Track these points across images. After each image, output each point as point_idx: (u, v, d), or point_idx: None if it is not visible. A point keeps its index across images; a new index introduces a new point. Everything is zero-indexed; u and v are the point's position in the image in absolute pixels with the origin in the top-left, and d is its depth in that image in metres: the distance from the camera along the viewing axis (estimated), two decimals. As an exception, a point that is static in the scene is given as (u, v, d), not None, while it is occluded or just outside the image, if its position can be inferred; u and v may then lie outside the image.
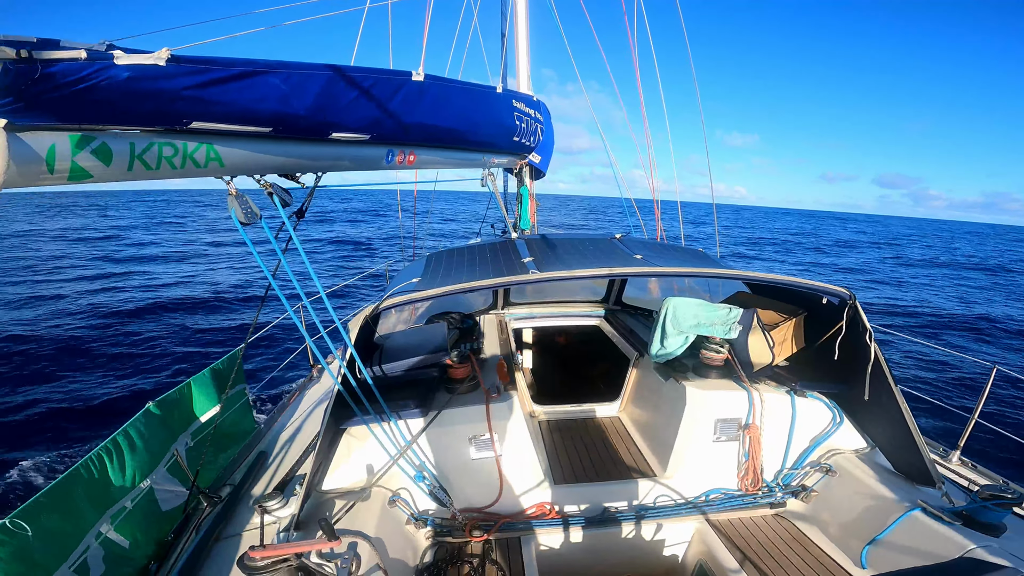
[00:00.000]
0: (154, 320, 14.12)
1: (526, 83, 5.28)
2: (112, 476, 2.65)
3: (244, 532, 2.64)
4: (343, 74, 2.14)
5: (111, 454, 2.66)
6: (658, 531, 3.08)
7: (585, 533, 3.02)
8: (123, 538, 2.59)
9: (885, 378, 2.93)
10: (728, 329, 3.49)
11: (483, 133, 3.45)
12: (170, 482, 3.11)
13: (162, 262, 23.77)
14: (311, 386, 4.70)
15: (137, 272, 20.98)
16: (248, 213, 2.07)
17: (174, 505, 3.06)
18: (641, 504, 3.23)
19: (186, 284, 18.70)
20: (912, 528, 2.59)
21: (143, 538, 2.73)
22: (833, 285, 3.05)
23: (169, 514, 3.00)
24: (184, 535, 2.76)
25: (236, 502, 2.94)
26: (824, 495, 3.13)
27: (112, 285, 17.98)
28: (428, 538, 2.91)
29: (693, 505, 3.20)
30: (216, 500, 2.96)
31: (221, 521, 2.74)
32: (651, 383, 3.94)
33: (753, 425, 3.28)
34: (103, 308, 14.85)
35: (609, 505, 3.18)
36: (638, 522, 3.06)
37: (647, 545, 3.09)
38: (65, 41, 1.26)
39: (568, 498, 3.21)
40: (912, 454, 2.90)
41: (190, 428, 3.46)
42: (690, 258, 4.02)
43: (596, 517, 3.09)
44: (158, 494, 2.97)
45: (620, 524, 3.05)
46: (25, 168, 1.30)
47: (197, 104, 1.59)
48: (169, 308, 15.22)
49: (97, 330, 12.99)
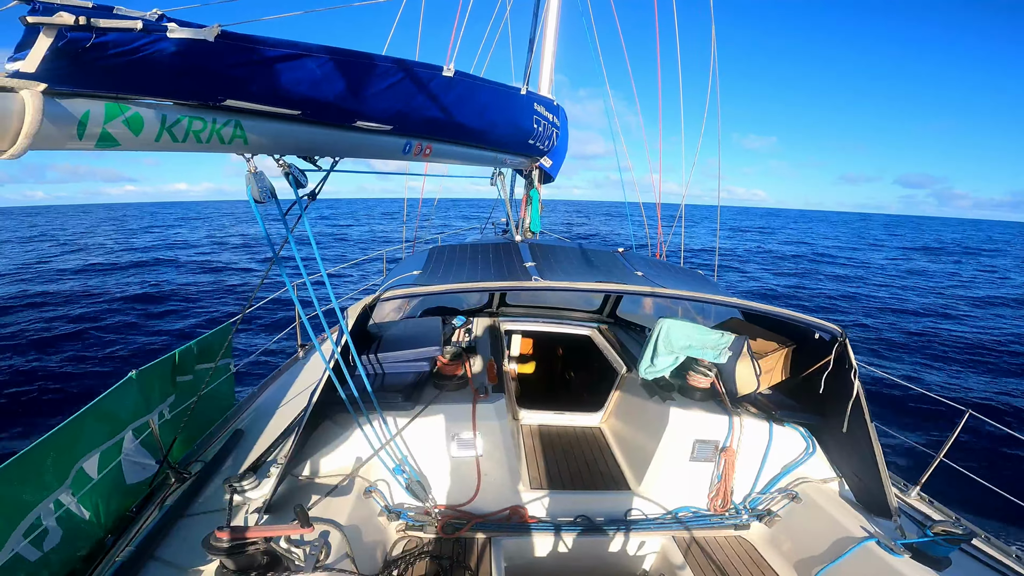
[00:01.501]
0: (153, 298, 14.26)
1: (548, 86, 5.28)
2: (81, 445, 2.55)
3: (212, 512, 2.59)
4: (377, 63, 2.12)
5: (82, 423, 2.55)
6: (627, 543, 3.13)
7: (555, 539, 3.06)
8: (84, 509, 2.50)
9: (862, 414, 3.03)
10: (718, 354, 3.55)
11: (501, 133, 3.45)
12: (141, 454, 3.00)
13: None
14: (296, 366, 4.65)
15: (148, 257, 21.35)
16: (263, 191, 2.05)
17: (142, 478, 2.96)
18: (614, 515, 3.27)
19: (198, 264, 18.95)
20: (864, 558, 2.69)
21: (104, 509, 2.63)
22: (826, 322, 3.13)
23: (135, 487, 2.90)
24: (147, 510, 2.68)
25: (206, 480, 2.90)
26: (786, 521, 3.22)
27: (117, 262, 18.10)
28: (399, 531, 2.92)
29: (662, 520, 3.27)
30: (185, 476, 2.91)
31: (189, 498, 2.69)
32: (636, 399, 3.98)
33: (730, 448, 3.35)
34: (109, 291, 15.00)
35: (583, 513, 3.22)
36: (609, 532, 3.11)
37: (614, 556, 3.14)
38: (118, 8, 1.22)
39: (543, 503, 3.24)
40: (875, 487, 3.00)
41: (167, 400, 3.36)
42: (689, 280, 4.07)
43: (569, 524, 3.13)
44: (125, 466, 2.86)
45: (591, 533, 3.09)
46: (57, 130, 1.27)
47: (235, 82, 1.57)
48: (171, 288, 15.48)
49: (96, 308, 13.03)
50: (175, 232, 37.93)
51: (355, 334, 3.04)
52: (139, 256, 26.22)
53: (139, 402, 3.04)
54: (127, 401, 2.94)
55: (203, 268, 21.44)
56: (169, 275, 20.48)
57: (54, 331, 12.18)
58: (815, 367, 3.35)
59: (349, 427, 2.98)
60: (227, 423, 3.68)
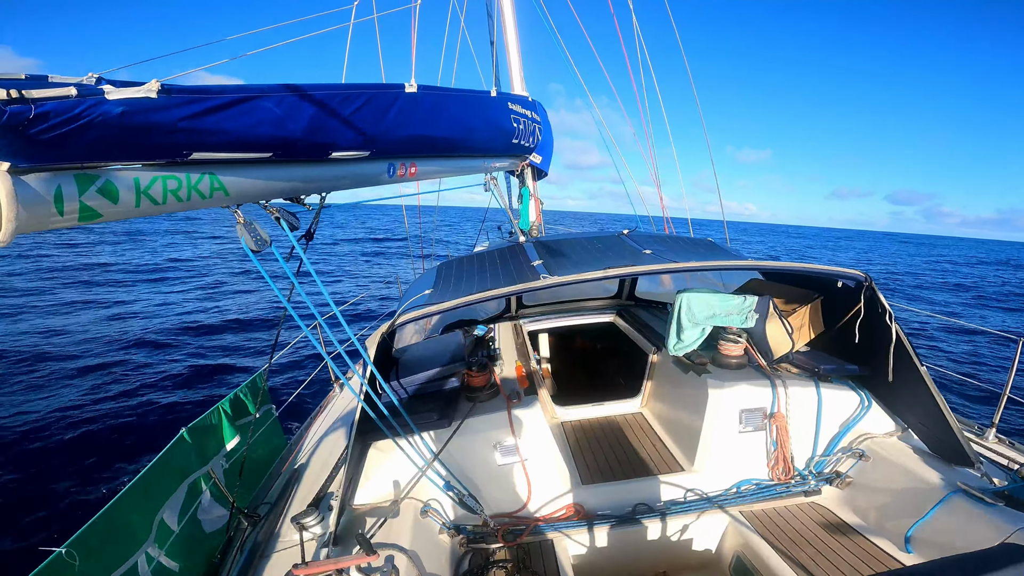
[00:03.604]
0: (174, 345, 14.15)
1: (520, 84, 5.29)
2: (154, 501, 2.75)
3: (285, 550, 2.69)
4: (336, 92, 2.16)
5: (150, 481, 2.74)
6: (690, 526, 3.05)
7: (616, 532, 3.01)
8: (172, 561, 2.70)
9: (910, 358, 2.87)
10: (744, 318, 3.44)
11: (481, 138, 3.47)
12: (211, 504, 3.24)
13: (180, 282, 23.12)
14: (335, 402, 4.76)
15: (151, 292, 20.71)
16: (258, 240, 2.09)
17: (217, 527, 3.18)
18: (671, 499, 3.20)
19: (205, 307, 18.59)
20: (954, 511, 2.53)
21: (190, 560, 2.84)
22: (848, 268, 3.00)
23: (213, 535, 3.12)
24: (229, 555, 2.83)
25: (275, 520, 3.00)
26: (859, 481, 3.07)
27: (127, 310, 17.96)
28: (462, 546, 2.92)
29: (724, 498, 3.17)
30: (256, 519, 3.04)
31: (263, 540, 2.81)
32: (671, 377, 3.90)
33: (778, 414, 3.23)
34: (124, 333, 14.82)
35: (638, 503, 3.15)
36: (669, 518, 3.04)
37: (680, 540, 3.06)
38: (54, 76, 1.27)
39: (597, 498, 3.20)
40: (946, 434, 2.83)
41: (223, 451, 3.56)
42: (701, 250, 3.98)
43: (626, 515, 3.07)
44: (201, 516, 3.10)
45: (651, 521, 3.03)
46: (35, 211, 1.31)
47: (194, 134, 1.60)
48: (189, 331, 15.31)
49: (115, 354, 13.02)
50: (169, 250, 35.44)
51: (379, 361, 3.09)
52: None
53: (196, 455, 3.23)
54: (185, 456, 3.13)
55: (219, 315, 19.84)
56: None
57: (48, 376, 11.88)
58: (847, 317, 3.21)
59: (393, 452, 3.02)
60: (283, 463, 3.81)
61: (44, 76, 1.30)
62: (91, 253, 29.68)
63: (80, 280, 22.00)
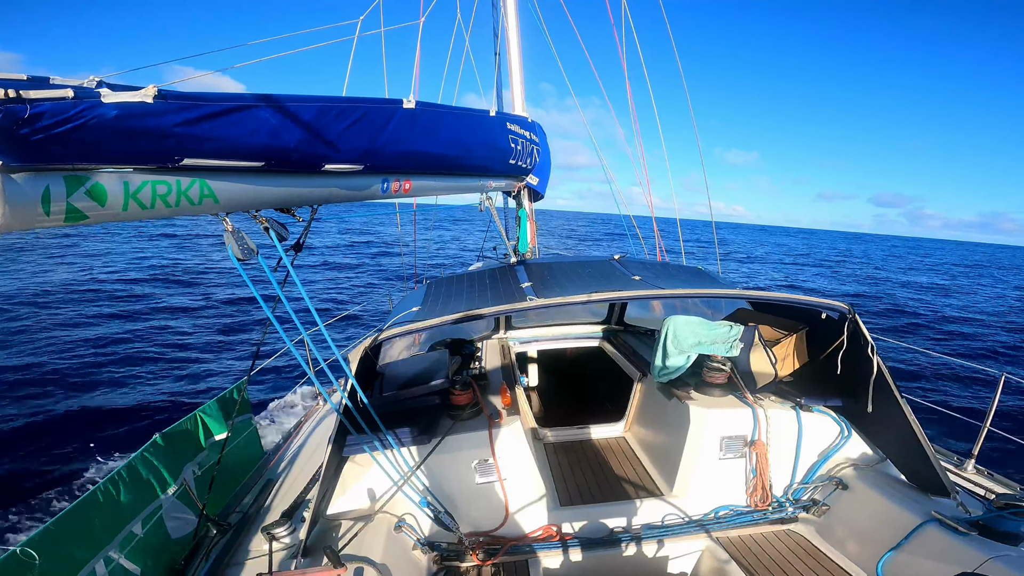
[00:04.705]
0: (154, 348, 13.93)
1: (520, 105, 5.34)
2: (120, 505, 2.70)
3: (253, 559, 2.67)
4: (333, 105, 2.17)
5: (118, 484, 2.70)
6: (666, 550, 3.04)
7: (592, 554, 2.99)
8: (134, 565, 2.63)
9: (890, 389, 2.91)
10: (729, 347, 3.47)
11: (478, 157, 3.49)
12: (180, 510, 3.17)
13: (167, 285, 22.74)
14: (317, 414, 4.71)
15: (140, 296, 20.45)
16: (245, 250, 2.08)
17: (184, 533, 3.12)
18: (648, 523, 3.19)
19: (190, 309, 18.32)
20: (928, 540, 2.55)
21: (154, 564, 2.77)
22: (832, 300, 3.04)
23: (179, 541, 3.06)
24: (194, 562, 2.79)
25: (245, 529, 2.99)
26: (836, 509, 3.09)
27: (116, 312, 17.69)
28: (435, 563, 2.90)
29: (701, 523, 3.17)
30: (225, 527, 3.00)
31: (230, 548, 2.79)
32: (655, 402, 3.91)
33: (759, 441, 3.25)
34: (103, 337, 14.58)
35: (616, 526, 3.15)
36: (646, 542, 3.03)
37: (656, 564, 3.05)
38: (55, 78, 1.28)
39: (574, 520, 3.19)
40: (923, 464, 2.86)
41: (197, 457, 3.51)
42: (690, 277, 4.02)
43: (603, 538, 3.06)
44: (167, 522, 3.03)
45: (627, 544, 3.02)
46: (21, 210, 1.31)
47: (187, 140, 1.61)
48: (172, 333, 15.08)
49: (98, 357, 12.81)
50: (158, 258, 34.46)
51: (362, 375, 3.09)
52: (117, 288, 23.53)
53: (169, 461, 3.18)
54: (157, 462, 3.08)
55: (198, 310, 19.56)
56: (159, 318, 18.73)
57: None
58: (831, 348, 3.25)
59: (371, 466, 3.00)
60: (259, 473, 3.79)
61: (46, 78, 1.31)
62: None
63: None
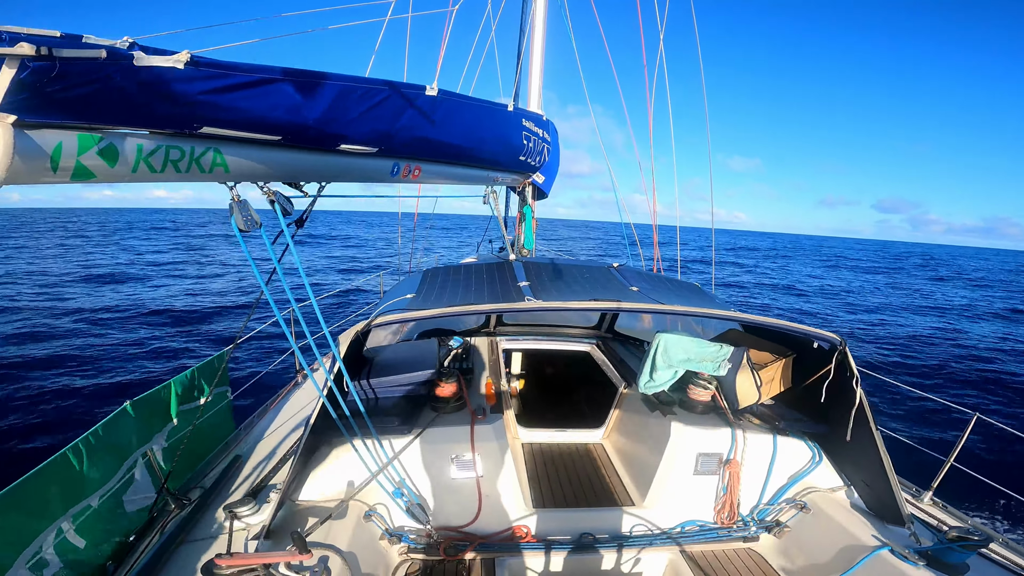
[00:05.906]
0: (144, 322, 13.90)
1: (537, 102, 5.31)
2: (80, 475, 2.56)
3: (211, 538, 2.59)
4: (357, 86, 2.12)
5: (80, 453, 2.56)
6: (633, 559, 3.07)
7: (560, 558, 3.00)
8: (80, 538, 2.50)
9: (867, 421, 2.98)
10: (717, 366, 3.51)
11: (490, 150, 3.45)
12: (140, 483, 3.01)
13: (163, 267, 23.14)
14: (295, 392, 4.62)
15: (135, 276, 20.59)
16: (248, 221, 2.03)
17: (141, 506, 2.96)
18: (617, 531, 3.22)
19: (184, 287, 18.42)
20: (878, 567, 2.62)
21: (103, 538, 2.63)
22: (825, 331, 3.10)
23: (135, 515, 2.91)
24: (147, 537, 2.69)
25: (206, 506, 2.90)
26: (796, 531, 3.16)
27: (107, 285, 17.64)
28: (401, 554, 2.88)
29: (668, 535, 3.21)
30: (185, 502, 2.91)
31: (188, 524, 2.69)
32: (637, 414, 3.93)
33: (734, 460, 3.30)
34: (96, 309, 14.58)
35: (587, 531, 3.16)
36: (614, 550, 3.05)
37: (621, 573, 3.08)
38: (88, 37, 1.21)
39: (546, 522, 3.19)
40: (886, 494, 2.95)
41: (166, 428, 3.37)
42: (687, 293, 4.04)
43: (573, 543, 3.07)
44: (125, 495, 2.87)
45: (596, 551, 3.04)
46: (29, 165, 1.26)
47: (210, 109, 1.56)
48: (162, 311, 15.02)
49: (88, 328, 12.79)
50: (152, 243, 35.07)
51: (349, 359, 3.03)
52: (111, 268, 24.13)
53: (136, 431, 3.04)
54: (123, 431, 2.93)
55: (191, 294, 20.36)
56: (150, 293, 19.27)
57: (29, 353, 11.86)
58: (816, 376, 3.31)
59: (347, 452, 2.95)
60: (226, 449, 3.68)
61: (79, 36, 1.24)
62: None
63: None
